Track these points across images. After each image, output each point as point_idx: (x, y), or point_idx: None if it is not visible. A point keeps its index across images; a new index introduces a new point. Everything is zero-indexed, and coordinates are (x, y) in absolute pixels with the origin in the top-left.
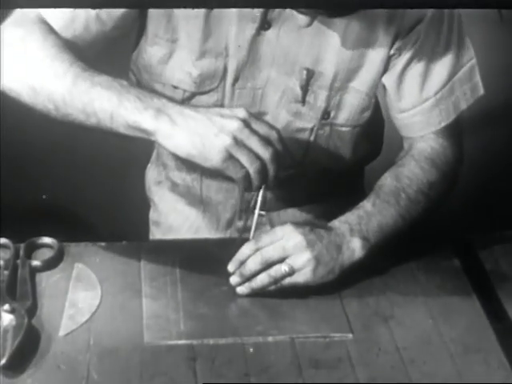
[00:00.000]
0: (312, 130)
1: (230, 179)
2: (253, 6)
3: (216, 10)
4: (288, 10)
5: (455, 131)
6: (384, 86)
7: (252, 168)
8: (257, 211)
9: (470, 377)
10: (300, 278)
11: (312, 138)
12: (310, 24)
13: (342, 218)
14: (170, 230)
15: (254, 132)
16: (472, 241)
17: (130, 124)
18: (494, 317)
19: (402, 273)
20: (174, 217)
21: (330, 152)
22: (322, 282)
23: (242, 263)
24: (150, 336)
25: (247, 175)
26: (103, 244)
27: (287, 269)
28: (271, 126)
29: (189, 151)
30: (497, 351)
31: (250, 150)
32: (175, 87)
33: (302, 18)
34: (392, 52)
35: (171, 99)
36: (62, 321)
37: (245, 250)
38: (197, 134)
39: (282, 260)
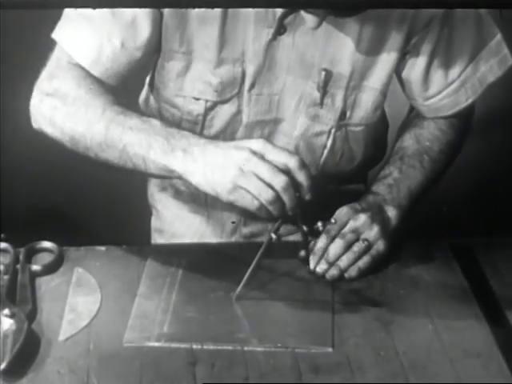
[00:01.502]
0: (330, 132)
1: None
2: (261, 6)
3: (231, 16)
4: (301, 13)
5: None
6: (404, 80)
7: (263, 198)
8: (270, 233)
9: (470, 382)
10: (375, 251)
11: (330, 142)
12: (319, 25)
13: (373, 188)
14: (174, 238)
15: (265, 161)
16: (472, 246)
17: (161, 168)
18: (494, 322)
19: (401, 278)
20: (178, 224)
21: (344, 155)
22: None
23: (322, 256)
24: (131, 337)
25: (261, 206)
26: (103, 248)
27: (365, 242)
28: (291, 154)
29: (203, 186)
30: (497, 356)
31: (260, 180)
32: (197, 99)
33: (311, 19)
34: (408, 49)
35: (199, 136)
36: (61, 325)
37: (320, 244)
38: (209, 168)
39: (357, 239)
